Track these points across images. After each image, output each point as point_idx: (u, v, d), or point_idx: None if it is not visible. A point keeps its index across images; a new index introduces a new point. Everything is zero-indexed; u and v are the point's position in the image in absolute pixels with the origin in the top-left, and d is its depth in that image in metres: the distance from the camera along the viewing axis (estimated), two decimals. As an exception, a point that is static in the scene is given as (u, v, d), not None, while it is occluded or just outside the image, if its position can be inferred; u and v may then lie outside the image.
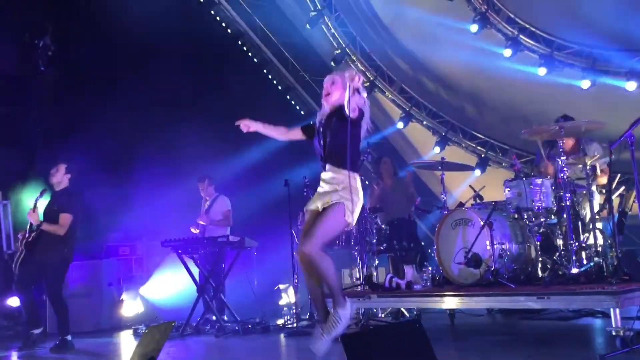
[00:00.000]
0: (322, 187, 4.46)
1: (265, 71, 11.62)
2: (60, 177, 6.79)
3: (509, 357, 4.65)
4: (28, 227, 6.71)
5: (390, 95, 10.81)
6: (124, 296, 8.75)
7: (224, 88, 9.99)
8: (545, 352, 4.76)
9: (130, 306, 8.77)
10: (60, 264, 6.67)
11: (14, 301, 7.95)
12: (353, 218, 4.35)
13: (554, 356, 4.55)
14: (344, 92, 4.38)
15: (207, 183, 8.07)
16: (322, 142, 4.48)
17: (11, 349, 6.66)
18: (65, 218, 6.62)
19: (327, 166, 4.43)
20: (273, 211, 8.62)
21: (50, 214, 6.66)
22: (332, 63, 10.96)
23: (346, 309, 4.24)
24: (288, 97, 11.75)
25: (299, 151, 9.34)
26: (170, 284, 8.75)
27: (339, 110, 4.44)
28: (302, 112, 11.68)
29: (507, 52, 8.87)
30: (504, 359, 4.61)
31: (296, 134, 4.75)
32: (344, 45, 10.74)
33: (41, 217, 6.61)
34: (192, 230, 7.94)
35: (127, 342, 7.20)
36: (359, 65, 10.85)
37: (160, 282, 8.91)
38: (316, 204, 4.42)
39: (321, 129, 4.51)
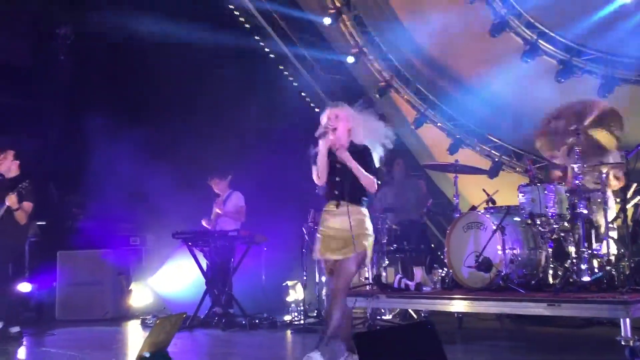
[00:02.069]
0: (334, 229, 4.46)
1: (285, 73, 11.61)
2: (9, 164, 6.62)
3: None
4: None
5: (405, 96, 10.77)
6: (132, 286, 8.80)
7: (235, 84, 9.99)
8: (553, 359, 4.73)
9: (139, 296, 8.82)
10: (12, 250, 6.53)
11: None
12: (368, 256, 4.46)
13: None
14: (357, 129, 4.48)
15: (216, 181, 8.10)
16: (337, 179, 4.47)
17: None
18: (28, 206, 6.52)
19: (343, 203, 4.42)
20: (284, 207, 8.62)
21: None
22: (350, 59, 10.93)
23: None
24: (302, 93, 11.73)
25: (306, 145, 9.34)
26: (180, 276, 8.79)
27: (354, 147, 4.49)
28: (317, 109, 11.67)
29: (526, 58, 8.81)
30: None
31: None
32: (360, 44, 10.71)
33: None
34: (204, 223, 7.97)
35: (135, 332, 7.24)
36: (375, 64, 10.81)
37: (170, 273, 8.95)
38: (334, 255, 4.44)
39: (337, 166, 4.48)
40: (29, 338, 6.53)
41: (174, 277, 8.98)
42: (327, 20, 10.51)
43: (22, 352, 5.90)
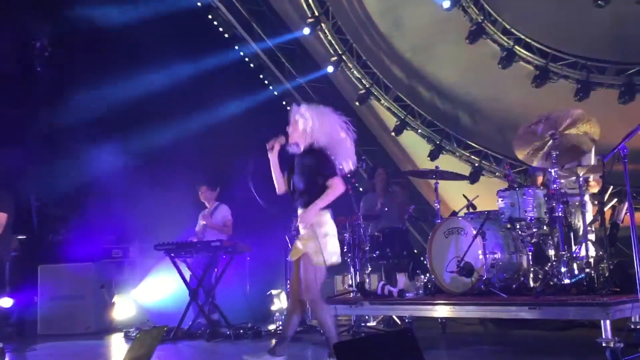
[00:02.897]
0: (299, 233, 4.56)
1: (261, 76, 11.65)
2: None
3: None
4: None
5: (385, 103, 10.85)
6: (115, 299, 8.73)
7: (220, 89, 9.98)
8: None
9: (122, 309, 8.75)
10: None
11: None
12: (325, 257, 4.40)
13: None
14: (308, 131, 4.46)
15: (204, 189, 8.08)
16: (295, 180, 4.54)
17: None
18: (1, 217, 6.38)
19: (299, 208, 4.53)
20: (266, 217, 8.62)
21: None
22: (330, 69, 10.99)
23: None
24: (284, 102, 11.77)
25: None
26: (163, 288, 8.73)
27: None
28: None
29: (502, 63, 8.93)
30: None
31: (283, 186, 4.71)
32: (340, 52, 10.78)
33: None
34: (194, 238, 7.93)
35: (118, 345, 7.18)
36: (355, 72, 10.88)
37: (153, 285, 8.89)
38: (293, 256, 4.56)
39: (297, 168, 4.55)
40: (10, 354, 6.45)
41: (157, 289, 8.92)
42: (306, 31, 10.57)
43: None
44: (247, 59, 11.51)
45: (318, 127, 4.44)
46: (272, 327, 7.40)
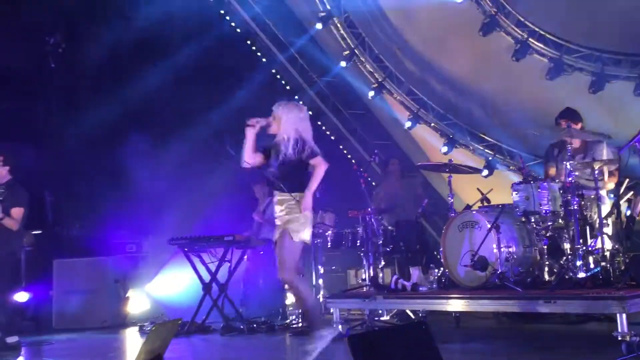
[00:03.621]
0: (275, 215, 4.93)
1: (273, 71, 11.63)
2: (0, 170, 6.46)
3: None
4: None
5: (398, 97, 10.80)
6: (130, 293, 8.79)
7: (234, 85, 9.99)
8: (550, 357, 4.75)
9: (136, 303, 8.80)
10: (6, 260, 6.43)
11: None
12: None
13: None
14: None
15: (259, 187, 8.20)
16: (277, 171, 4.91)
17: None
18: (19, 212, 6.38)
19: (276, 192, 4.91)
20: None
21: None
22: (342, 63, 10.95)
23: (321, 338, 4.59)
24: (296, 97, 11.75)
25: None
26: (177, 282, 8.78)
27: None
28: (310, 112, 11.68)
29: (517, 56, 8.85)
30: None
31: (258, 158, 5.06)
32: (352, 46, 10.74)
33: None
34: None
35: (132, 339, 7.23)
36: (367, 66, 10.84)
37: (167, 279, 8.93)
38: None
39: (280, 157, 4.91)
40: (27, 348, 6.51)
41: (171, 283, 8.96)
42: (318, 25, 10.54)
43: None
44: (259, 54, 11.49)
45: (289, 120, 4.95)
46: (286, 321, 7.41)
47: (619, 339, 4.31)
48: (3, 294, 6.37)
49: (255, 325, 7.10)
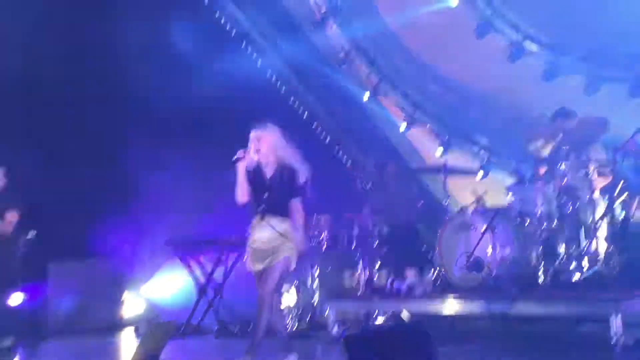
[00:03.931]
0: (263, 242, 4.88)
1: (268, 75, 11.59)
2: None
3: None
4: None
5: (393, 99, 10.80)
6: (125, 295, 8.77)
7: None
8: (544, 358, 4.76)
9: (132, 305, 8.79)
10: (1, 262, 6.51)
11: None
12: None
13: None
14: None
15: None
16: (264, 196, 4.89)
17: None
18: (13, 215, 6.49)
19: (267, 216, 4.86)
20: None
21: None
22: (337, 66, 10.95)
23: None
24: (292, 99, 11.72)
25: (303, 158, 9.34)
26: (172, 284, 8.77)
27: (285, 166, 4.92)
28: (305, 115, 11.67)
29: (512, 58, 8.87)
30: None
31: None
32: (347, 49, 10.74)
33: None
34: None
35: (128, 341, 7.22)
36: (363, 68, 10.85)
37: (162, 281, 8.92)
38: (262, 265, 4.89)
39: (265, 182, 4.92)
40: (22, 350, 6.49)
41: (167, 285, 8.96)
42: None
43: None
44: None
45: (281, 146, 4.94)
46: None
47: (613, 340, 4.33)
48: None
49: (249, 328, 7.09)
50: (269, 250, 4.87)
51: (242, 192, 4.89)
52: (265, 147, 4.90)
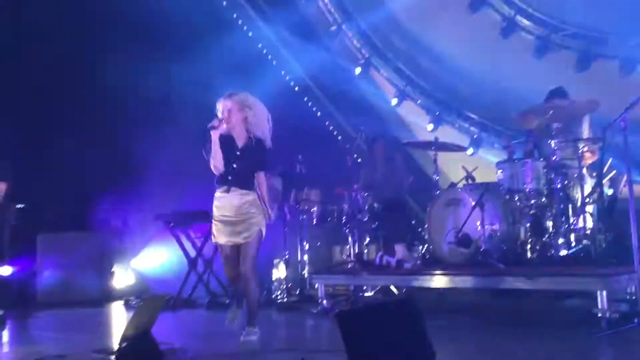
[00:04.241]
0: (230, 214, 4.77)
1: (260, 45, 11.49)
2: None
3: (497, 337, 4.73)
4: None
5: (385, 73, 10.77)
6: (115, 268, 8.79)
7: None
8: (532, 332, 4.84)
9: (122, 278, 8.81)
10: None
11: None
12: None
13: (540, 336, 4.63)
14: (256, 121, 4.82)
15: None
16: (233, 166, 4.79)
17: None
18: (1, 187, 6.39)
19: (234, 188, 4.78)
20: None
21: None
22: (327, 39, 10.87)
23: (257, 333, 4.76)
24: (282, 72, 11.63)
25: (289, 127, 9.32)
26: (162, 257, 8.79)
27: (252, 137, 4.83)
28: (297, 88, 11.61)
29: (504, 33, 8.85)
30: (492, 338, 4.69)
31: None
32: (339, 22, 10.65)
33: None
34: None
35: (118, 314, 7.25)
36: (354, 42, 10.78)
37: (152, 254, 8.94)
38: (237, 238, 4.80)
39: (236, 153, 4.81)
40: (11, 321, 6.51)
41: (156, 258, 8.98)
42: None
43: (5, 335, 5.89)
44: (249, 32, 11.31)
45: (250, 114, 4.80)
46: (272, 296, 7.45)
47: (599, 315, 4.40)
48: None
49: (240, 300, 7.13)
50: (237, 224, 4.77)
51: (217, 162, 4.77)
52: (234, 117, 4.79)
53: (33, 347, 4.96)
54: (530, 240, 5.75)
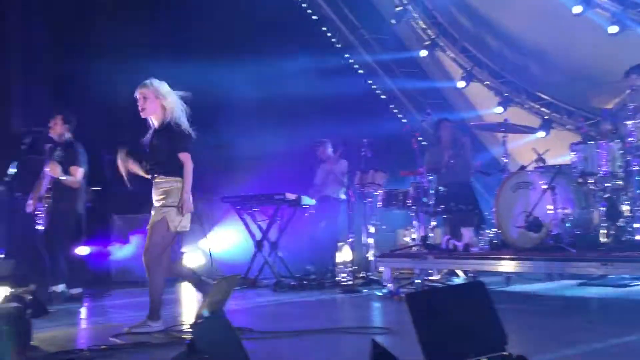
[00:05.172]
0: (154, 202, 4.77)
1: (323, 28, 11.51)
2: (59, 129, 6.61)
3: (568, 322, 4.62)
4: (44, 182, 6.55)
5: (451, 54, 10.58)
6: (184, 249, 9.03)
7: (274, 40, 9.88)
8: (604, 318, 4.71)
9: (191, 259, 9.06)
10: (69, 216, 6.63)
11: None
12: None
13: (614, 322, 4.50)
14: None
15: (320, 150, 8.49)
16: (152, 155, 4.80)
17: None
18: (78, 171, 6.56)
19: (155, 176, 4.79)
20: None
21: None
22: (393, 21, 10.76)
23: (156, 325, 4.62)
24: (346, 55, 11.62)
25: (355, 111, 9.32)
26: (229, 239, 8.98)
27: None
28: (361, 71, 11.57)
29: (577, 9, 8.51)
30: (564, 323, 4.58)
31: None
32: (405, 2, 10.52)
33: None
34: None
35: (188, 293, 7.48)
36: (420, 23, 10.63)
37: (220, 236, 9.14)
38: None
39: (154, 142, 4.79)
40: (89, 299, 6.82)
41: (224, 240, 9.18)
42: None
43: (84, 311, 6.18)
44: (309, 11, 11.36)
45: (166, 101, 4.75)
46: (336, 279, 7.51)
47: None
48: (67, 248, 6.65)
49: (305, 282, 7.24)
50: (158, 211, 4.74)
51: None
52: (148, 104, 4.75)
53: (110, 323, 5.19)
54: (604, 224, 5.55)
